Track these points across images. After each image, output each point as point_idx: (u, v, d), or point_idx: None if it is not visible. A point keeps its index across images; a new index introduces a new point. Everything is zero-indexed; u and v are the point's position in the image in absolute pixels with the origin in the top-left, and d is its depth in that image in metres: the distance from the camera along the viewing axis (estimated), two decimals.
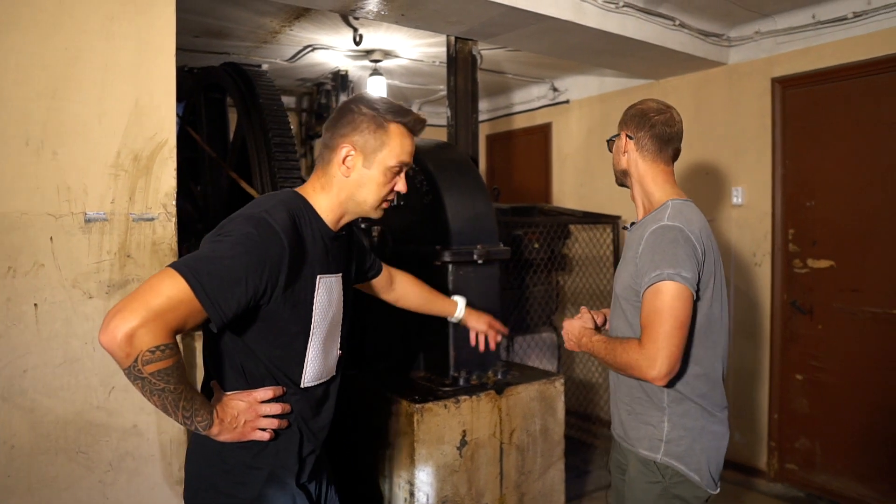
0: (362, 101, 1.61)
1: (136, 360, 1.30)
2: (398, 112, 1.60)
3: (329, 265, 1.63)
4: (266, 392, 1.55)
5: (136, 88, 2.35)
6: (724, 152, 4.49)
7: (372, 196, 1.61)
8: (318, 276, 1.58)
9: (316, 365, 1.64)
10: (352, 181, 1.60)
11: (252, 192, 3.24)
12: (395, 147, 1.59)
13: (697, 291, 1.85)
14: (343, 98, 5.62)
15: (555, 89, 5.88)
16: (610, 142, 2.18)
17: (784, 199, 4.20)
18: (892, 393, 3.70)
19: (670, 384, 1.89)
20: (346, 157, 1.58)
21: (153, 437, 2.38)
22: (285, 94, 5.99)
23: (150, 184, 2.37)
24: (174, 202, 2.40)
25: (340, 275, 1.70)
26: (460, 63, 3.83)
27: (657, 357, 1.76)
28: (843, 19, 3.79)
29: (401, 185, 1.64)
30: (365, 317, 3.28)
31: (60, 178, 2.22)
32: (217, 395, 1.55)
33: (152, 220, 2.36)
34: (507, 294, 4.21)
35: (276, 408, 1.56)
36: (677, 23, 3.97)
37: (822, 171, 4.01)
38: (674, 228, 1.85)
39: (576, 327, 2.12)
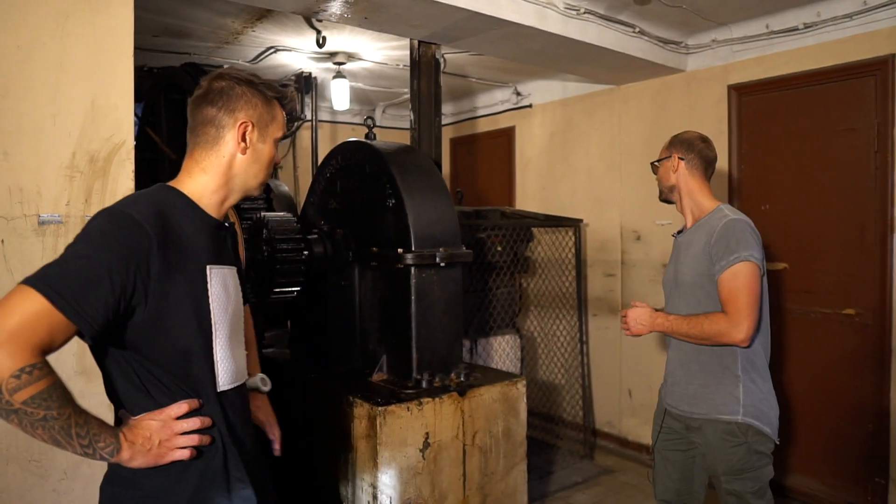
0: (239, 78, 1.55)
1: (0, 392, 1.15)
2: (274, 87, 1.60)
3: (219, 256, 1.54)
4: (181, 406, 1.40)
5: (93, 88, 2.31)
6: None
7: (263, 170, 1.59)
8: (209, 267, 1.48)
9: (227, 364, 1.51)
10: (247, 157, 1.55)
11: None
12: (280, 120, 1.60)
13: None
14: (307, 100, 5.59)
15: (518, 94, 5.94)
16: (655, 164, 2.64)
17: (740, 202, 4.31)
18: (844, 391, 3.83)
19: (743, 354, 2.33)
20: (245, 132, 1.53)
21: None
22: None
23: (106, 185, 2.33)
24: None
25: (234, 269, 1.61)
26: (424, 67, 3.84)
27: (742, 322, 2.22)
28: (794, 30, 3.91)
29: (277, 157, 1.65)
30: (326, 319, 3.26)
31: (12, 180, 2.16)
32: (126, 422, 1.39)
33: None
34: (471, 296, 4.23)
35: (195, 422, 1.41)
36: (637, 30, 4.05)
37: (776, 176, 4.12)
38: (741, 220, 2.35)
39: (644, 312, 2.47)
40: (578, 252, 5.01)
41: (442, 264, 3.01)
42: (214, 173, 1.53)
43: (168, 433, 1.37)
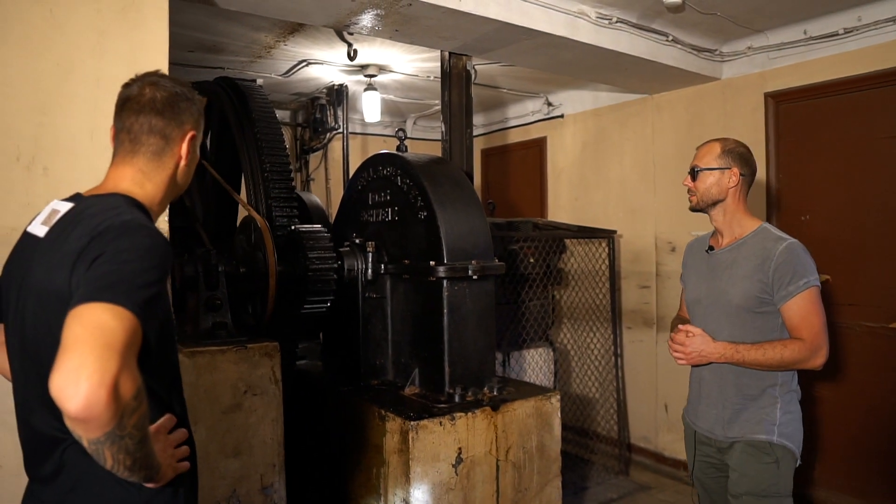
0: (177, 88, 1.51)
1: (122, 416, 1.08)
2: (203, 100, 1.58)
3: None
4: (171, 420, 1.39)
5: None
6: None
7: (190, 176, 1.59)
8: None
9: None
10: (187, 166, 1.54)
11: (239, 198, 3.22)
12: (203, 124, 1.59)
13: None
14: (339, 112, 5.62)
15: (549, 104, 5.90)
16: (701, 171, 2.40)
17: (779, 213, 4.21)
18: (889, 408, 3.69)
19: (783, 375, 2.28)
20: (192, 142, 1.53)
21: None
22: (280, 109, 5.98)
23: None
24: (167, 217, 2.38)
25: None
26: (454, 78, 3.83)
27: (822, 347, 2.21)
28: (834, 35, 3.82)
29: None
30: (358, 331, 3.25)
31: (52, 194, 2.16)
32: None
33: None
34: (503, 309, 4.19)
35: (184, 432, 1.41)
36: (670, 38, 3.99)
37: (816, 186, 4.02)
38: (799, 244, 2.27)
39: (707, 341, 2.29)
40: (612, 264, 4.93)
41: (474, 277, 2.98)
42: (161, 184, 1.50)
43: (171, 448, 1.36)
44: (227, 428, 2.60)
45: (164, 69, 2.37)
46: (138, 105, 1.47)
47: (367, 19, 3.24)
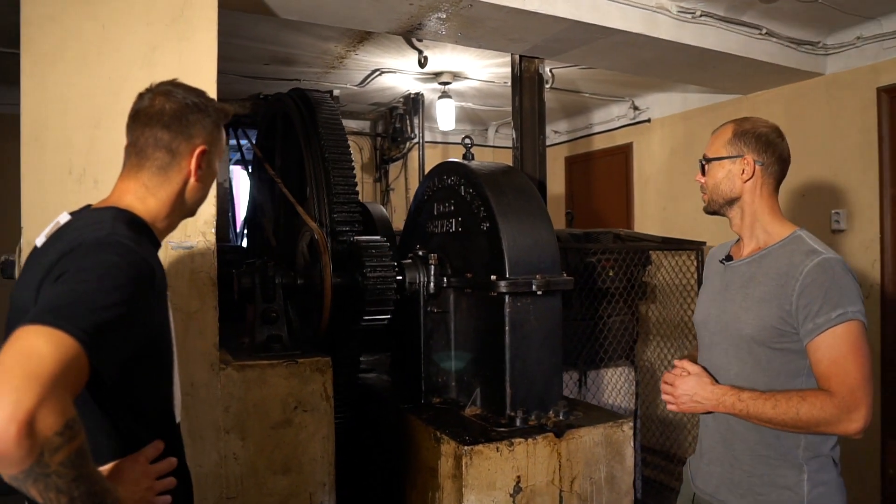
0: (188, 100, 1.45)
1: (41, 454, 0.96)
2: (220, 108, 1.52)
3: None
4: (157, 447, 1.30)
5: None
6: (822, 172, 4.08)
7: (207, 192, 1.55)
8: (167, 292, 1.41)
9: (178, 396, 1.45)
10: (198, 182, 1.47)
11: (298, 207, 3.18)
12: (223, 140, 1.56)
13: None
14: (416, 121, 5.57)
15: (635, 108, 5.61)
16: (710, 161, 1.92)
17: (895, 223, 3.75)
18: None
19: (808, 437, 1.72)
20: (201, 157, 1.46)
21: None
22: (359, 119, 6.00)
23: None
24: (213, 230, 2.36)
25: None
26: (525, 82, 3.66)
27: (858, 408, 1.60)
28: None
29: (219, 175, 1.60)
30: (420, 347, 3.13)
31: None
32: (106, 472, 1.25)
33: (191, 248, 2.31)
34: (580, 325, 3.95)
35: (172, 462, 1.33)
36: (764, 31, 3.66)
37: None
38: (839, 261, 1.69)
39: (701, 384, 1.80)
40: (700, 277, 4.57)
41: (539, 292, 2.79)
42: (166, 200, 1.44)
43: (150, 479, 1.27)
44: (276, 444, 2.54)
45: (213, 78, 2.36)
46: (146, 117, 1.43)
47: (430, 24, 3.14)
